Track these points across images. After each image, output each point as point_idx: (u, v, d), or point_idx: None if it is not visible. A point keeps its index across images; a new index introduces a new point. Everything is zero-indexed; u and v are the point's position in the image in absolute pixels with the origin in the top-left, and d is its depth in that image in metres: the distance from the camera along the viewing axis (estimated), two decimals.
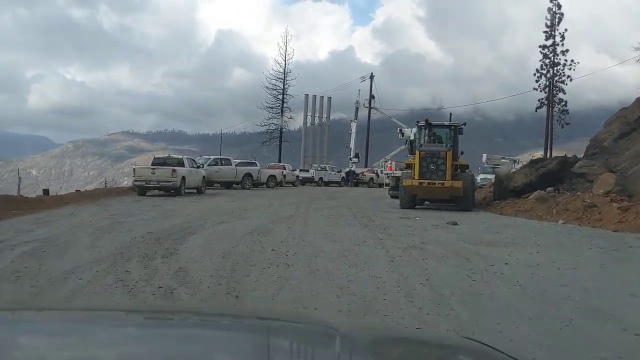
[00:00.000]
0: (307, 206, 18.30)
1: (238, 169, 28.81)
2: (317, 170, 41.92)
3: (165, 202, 18.31)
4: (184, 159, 22.24)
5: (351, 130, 54.41)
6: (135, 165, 20.35)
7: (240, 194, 24.36)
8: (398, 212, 16.97)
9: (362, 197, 25.84)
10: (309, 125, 59.68)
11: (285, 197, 23.77)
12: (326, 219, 14.24)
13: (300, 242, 9.57)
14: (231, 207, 16.66)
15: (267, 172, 32.82)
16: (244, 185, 28.90)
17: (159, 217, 13.48)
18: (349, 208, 17.96)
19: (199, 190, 23.40)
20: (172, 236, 10.06)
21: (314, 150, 58.87)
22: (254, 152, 59.35)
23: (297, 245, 9.29)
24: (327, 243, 9.58)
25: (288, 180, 36.49)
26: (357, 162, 53.29)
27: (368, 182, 45.71)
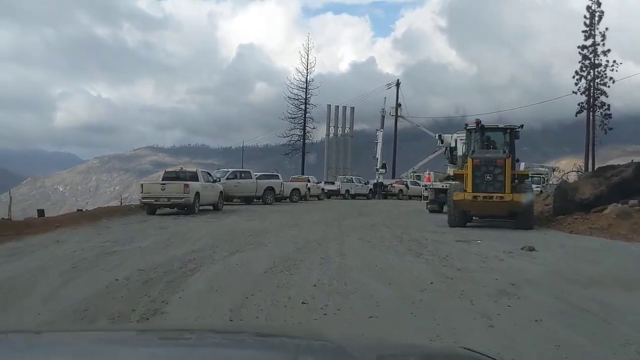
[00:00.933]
0: (339, 225, 15.54)
1: (259, 182, 26.21)
2: (343, 182, 39.11)
3: (175, 223, 15.73)
4: (198, 173, 19.70)
5: (377, 139, 51.57)
6: (144, 181, 17.92)
7: (262, 211, 21.73)
8: (448, 231, 14.11)
9: (397, 212, 22.99)
10: (332, 136, 57.03)
11: (311, 213, 21.05)
12: (365, 243, 11.46)
13: (342, 286, 6.81)
14: (250, 229, 13.99)
15: (290, 185, 30.19)
16: (265, 200, 26.27)
17: (160, 245, 10.86)
18: (387, 227, 15.16)
19: (215, 207, 20.83)
20: (166, 276, 7.40)
21: (337, 161, 56.14)
22: (276, 164, 56.90)
23: (338, 291, 6.52)
24: (379, 287, 6.80)
25: (313, 193, 33.80)
26: (384, 173, 50.42)
27: (397, 194, 42.75)
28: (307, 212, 21.83)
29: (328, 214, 20.63)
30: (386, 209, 25.54)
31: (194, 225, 15.02)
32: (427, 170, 22.82)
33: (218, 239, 11.85)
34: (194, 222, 15.92)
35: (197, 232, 13.20)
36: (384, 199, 41.99)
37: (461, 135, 22.08)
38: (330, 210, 23.44)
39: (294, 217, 18.32)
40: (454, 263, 8.69)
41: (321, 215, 19.86)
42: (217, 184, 21.11)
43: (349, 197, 38.74)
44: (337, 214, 20.64)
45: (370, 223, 16.40)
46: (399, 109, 53.49)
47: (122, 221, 16.16)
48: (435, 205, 22.45)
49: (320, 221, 16.79)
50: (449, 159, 23.42)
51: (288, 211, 21.83)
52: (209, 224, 15.43)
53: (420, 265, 8.63)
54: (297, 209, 23.38)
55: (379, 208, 25.71)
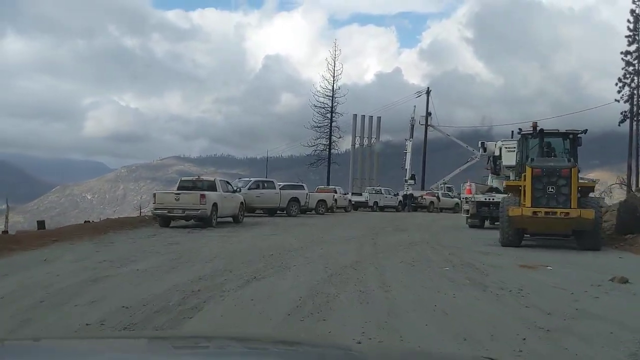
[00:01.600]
0: (374, 243, 13.48)
1: (283, 192, 24.30)
2: (372, 194, 36.96)
3: (188, 238, 13.88)
4: (217, 182, 17.85)
5: (406, 149, 49.36)
6: (157, 190, 16.18)
7: (285, 223, 19.79)
8: (503, 252, 11.93)
9: (435, 227, 20.81)
10: (358, 147, 54.97)
11: (340, 227, 19.02)
12: (410, 268, 9.39)
13: (397, 343, 4.78)
14: (271, 246, 12.03)
15: (316, 196, 28.21)
16: (289, 212, 24.32)
17: (163, 268, 8.97)
18: (430, 246, 13.04)
19: (235, 219, 18.96)
20: (156, 319, 5.48)
21: (362, 172, 53.99)
22: (301, 175, 55.00)
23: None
24: (451, 345, 4.75)
25: (339, 205, 31.76)
26: (413, 184, 48.15)
27: (428, 206, 40.43)
28: (335, 225, 19.80)
29: (359, 228, 18.58)
30: (421, 222, 23.36)
31: (209, 241, 13.13)
32: (468, 181, 20.53)
33: (233, 259, 9.91)
34: (209, 237, 14.04)
35: (211, 250, 11.30)
36: (413, 211, 39.75)
37: (507, 143, 19.88)
38: (361, 223, 21.37)
39: (321, 232, 16.33)
40: (535, 302, 6.57)
41: (352, 230, 17.81)
42: (237, 195, 19.25)
43: (377, 209, 36.60)
44: (369, 228, 18.57)
45: (408, 240, 14.30)
46: (429, 118, 51.15)
47: (130, 235, 14.36)
48: (477, 220, 20.22)
49: (352, 237, 14.75)
50: (491, 169, 21.23)
51: (314, 224, 19.85)
52: (225, 240, 13.52)
53: (491, 304, 6.54)
54: (324, 222, 21.37)
55: (413, 222, 23.54)
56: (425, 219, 26.88)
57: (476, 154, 54.26)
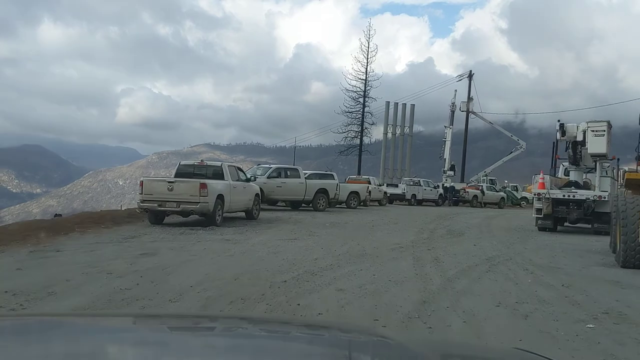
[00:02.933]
0: (434, 259, 9.30)
1: (309, 183, 20.25)
2: (409, 186, 32.52)
3: (173, 244, 9.95)
4: (224, 168, 13.82)
5: (445, 137, 44.74)
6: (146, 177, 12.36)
7: (310, 221, 15.76)
8: (634, 279, 7.68)
9: (495, 229, 16.50)
10: (390, 135, 50.43)
11: (379, 228, 14.89)
12: (521, 322, 5.26)
13: None
14: (286, 264, 8.01)
15: (347, 187, 24.08)
16: (316, 206, 20.27)
17: (99, 304, 5.02)
18: (522, 267, 8.80)
19: (248, 215, 15.04)
20: None
21: (394, 162, 49.47)
22: (330, 164, 50.77)
23: None
24: None
25: (373, 197, 27.56)
26: (453, 175, 43.60)
27: (471, 200, 35.89)
28: (373, 225, 15.67)
29: (404, 230, 14.43)
30: (474, 222, 19.05)
31: (200, 251, 9.18)
32: (541, 172, 16.13)
33: (220, 294, 5.93)
34: (204, 243, 10.10)
35: (194, 272, 7.33)
36: (454, 205, 35.32)
37: (595, 125, 15.43)
38: (404, 223, 17.19)
39: (357, 236, 12.24)
40: None
41: (396, 233, 13.68)
42: (251, 184, 15.27)
43: (414, 202, 32.26)
44: (417, 230, 14.39)
45: (480, 254, 10.11)
46: (471, 103, 46.29)
47: (99, 237, 10.50)
48: (549, 221, 15.85)
49: (400, 247, 10.62)
50: (569, 157, 16.77)
51: (347, 223, 15.76)
52: (225, 249, 9.55)
53: None
54: (359, 221, 17.25)
55: (464, 221, 19.24)
56: (475, 217, 22.52)
57: (521, 143, 49.48)
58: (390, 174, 48.07)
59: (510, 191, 41.69)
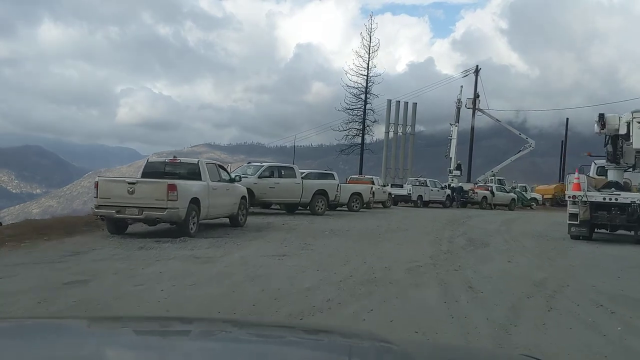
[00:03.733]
0: (466, 284, 6.90)
1: (306, 183, 17.84)
2: (415, 186, 30.00)
3: (127, 262, 7.57)
4: (201, 166, 11.37)
5: (451, 135, 42.35)
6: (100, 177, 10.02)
7: (306, 228, 13.38)
8: None
9: (520, 236, 14.10)
10: (392, 134, 47.85)
11: (388, 237, 12.47)
12: None
13: None
14: (267, 297, 5.62)
15: (349, 188, 21.67)
16: (314, 209, 17.87)
17: None
18: (591, 300, 6.41)
19: (234, 221, 12.68)
20: None
21: (396, 162, 46.95)
22: (330, 164, 48.25)
23: None
24: None
25: (377, 198, 25.16)
26: (459, 175, 41.20)
27: (480, 202, 33.46)
28: (380, 232, 13.26)
29: (417, 240, 12.02)
30: (492, 227, 16.65)
31: (155, 275, 6.78)
32: (576, 171, 13.70)
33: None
34: (164, 263, 7.70)
35: (129, 312, 4.96)
36: (462, 207, 32.92)
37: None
38: (414, 229, 14.79)
39: (362, 249, 9.86)
40: None
41: (408, 244, 11.27)
42: (236, 186, 12.86)
43: (420, 204, 29.80)
44: (432, 240, 11.99)
45: (525, 277, 7.72)
46: (477, 100, 43.83)
47: (37, 252, 8.12)
48: (585, 228, 13.44)
49: (418, 265, 8.22)
50: (609, 154, 14.34)
51: (349, 230, 13.37)
52: (189, 272, 7.16)
53: None
54: (363, 227, 14.86)
55: (481, 227, 16.84)
56: (490, 221, 20.11)
57: (530, 142, 47.03)
58: (392, 173, 45.66)
59: (520, 192, 39.25)
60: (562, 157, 52.66)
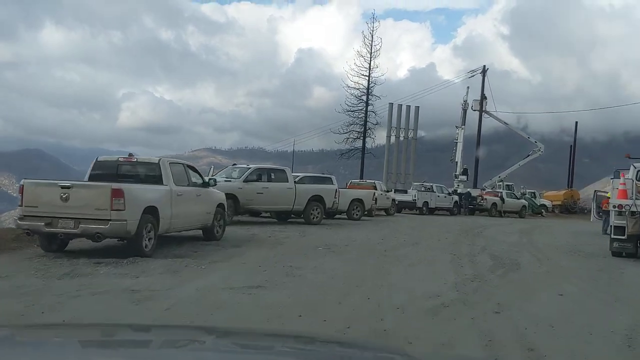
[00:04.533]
0: (519, 332, 4.57)
1: (299, 188, 15.49)
2: (420, 192, 27.55)
3: (31, 297, 5.23)
4: (163, 166, 8.95)
5: (457, 138, 40.01)
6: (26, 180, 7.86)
7: (297, 242, 11.05)
8: None
9: (551, 251, 11.76)
10: (394, 138, 45.35)
11: (395, 255, 10.09)
12: None
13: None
14: None
15: (349, 194, 19.29)
16: (308, 218, 15.52)
17: None
18: None
19: (208, 234, 10.35)
20: None
21: (397, 166, 44.41)
22: (331, 169, 45.64)
23: None
24: None
25: (380, 205, 22.80)
26: (466, 180, 38.85)
27: (490, 209, 31.07)
28: (386, 249, 10.87)
29: (432, 257, 9.65)
30: (515, 241, 14.30)
31: (57, 321, 4.44)
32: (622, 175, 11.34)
33: None
34: (80, 301, 5.37)
35: None
36: (470, 214, 30.55)
37: None
38: (425, 242, 12.41)
39: (364, 276, 7.51)
40: None
41: (422, 263, 8.91)
42: (211, 191, 10.49)
43: (426, 212, 27.40)
44: (450, 257, 9.61)
45: (593, 324, 5.39)
46: (484, 102, 41.45)
47: None
48: (631, 244, 11.10)
49: (443, 303, 5.87)
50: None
51: (348, 246, 11.02)
52: (111, 318, 4.83)
53: None
54: (364, 239, 12.49)
55: (502, 239, 14.48)
56: (506, 231, 17.75)
57: (539, 146, 44.60)
58: (394, 178, 43.18)
59: (530, 198, 36.86)
60: (571, 163, 50.27)
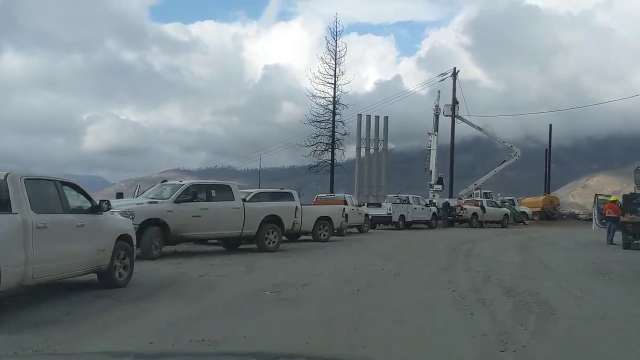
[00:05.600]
0: None
1: (249, 208, 12.29)
2: (396, 204, 24.64)
3: None
4: (12, 187, 5.74)
5: (430, 145, 37.44)
6: None
7: (235, 287, 7.92)
8: None
9: (570, 274, 8.92)
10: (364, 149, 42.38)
11: (376, 297, 7.02)
12: None
13: None
14: None
15: (314, 211, 16.19)
16: (263, 244, 12.36)
17: None
18: None
19: (105, 280, 7.14)
20: None
21: (369, 179, 41.43)
22: (303, 185, 42.07)
23: None
24: None
25: (352, 222, 19.80)
26: (441, 190, 36.22)
27: (470, 219, 28.36)
28: (360, 286, 7.78)
29: (428, 300, 6.62)
30: (520, 260, 11.43)
31: None
32: None
33: None
34: None
35: None
36: (449, 226, 27.82)
37: None
38: (409, 269, 9.36)
39: (331, 343, 4.43)
40: None
41: (416, 312, 5.86)
42: (105, 218, 7.26)
43: (402, 226, 24.46)
44: (452, 297, 6.60)
45: None
46: (456, 107, 39.03)
47: None
48: None
49: None
50: None
51: (310, 286, 7.91)
52: None
53: None
54: (332, 272, 9.39)
55: (501, 259, 11.58)
56: (501, 248, 14.94)
57: (515, 150, 42.29)
58: (366, 191, 40.15)
59: (510, 206, 34.42)
60: (547, 167, 48.35)
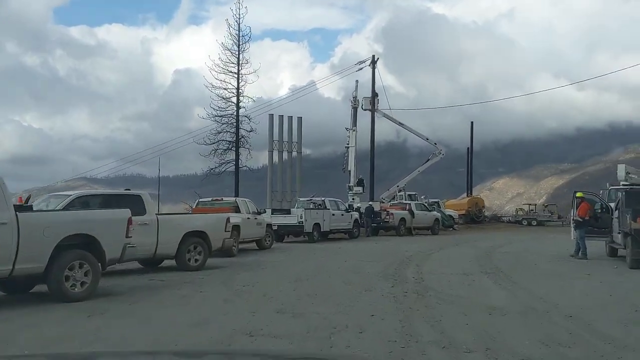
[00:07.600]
0: None
1: (32, 224, 6.55)
2: (309, 210, 19.39)
3: None
4: None
5: (348, 143, 32.65)
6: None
7: None
8: None
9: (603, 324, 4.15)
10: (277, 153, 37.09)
11: None
12: None
13: None
14: None
15: (180, 223, 10.59)
16: (54, 287, 6.66)
17: None
18: None
19: None
20: None
21: (282, 184, 36.15)
22: (219, 192, 35.55)
23: None
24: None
25: (248, 235, 14.36)
26: (361, 193, 31.55)
27: (397, 226, 23.73)
28: None
29: None
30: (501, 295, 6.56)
31: None
32: None
33: None
34: None
35: None
36: (373, 235, 23.10)
37: None
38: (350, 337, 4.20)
39: None
40: None
41: None
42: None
43: (318, 237, 19.29)
44: None
45: None
46: (376, 100, 34.60)
47: None
48: None
49: None
50: None
51: None
52: None
53: None
54: None
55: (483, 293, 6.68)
56: (454, 266, 10.12)
57: (440, 148, 38.82)
58: (279, 197, 34.83)
59: (438, 210, 30.43)
60: (469, 168, 45.53)
